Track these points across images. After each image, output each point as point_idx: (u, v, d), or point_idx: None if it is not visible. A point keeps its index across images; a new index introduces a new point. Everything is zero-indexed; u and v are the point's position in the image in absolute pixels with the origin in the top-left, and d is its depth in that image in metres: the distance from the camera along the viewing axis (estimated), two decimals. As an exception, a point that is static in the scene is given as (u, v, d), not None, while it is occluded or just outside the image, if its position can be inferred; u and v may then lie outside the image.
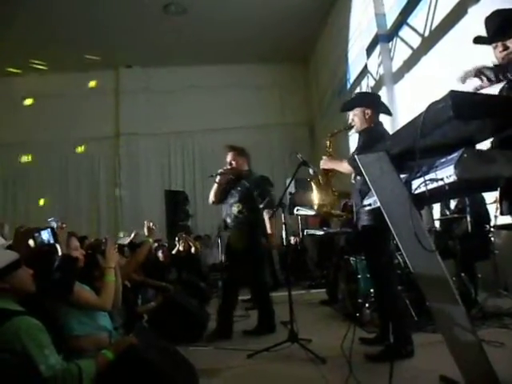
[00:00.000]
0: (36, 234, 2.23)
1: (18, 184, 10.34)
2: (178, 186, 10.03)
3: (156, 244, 6.60)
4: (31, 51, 9.08)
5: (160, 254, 5.64)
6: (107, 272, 2.42)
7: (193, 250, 6.76)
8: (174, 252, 6.51)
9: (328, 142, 3.29)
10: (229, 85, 10.59)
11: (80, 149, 10.34)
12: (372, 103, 3.23)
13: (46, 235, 2.27)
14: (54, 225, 2.66)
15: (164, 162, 10.73)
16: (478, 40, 2.09)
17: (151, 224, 3.61)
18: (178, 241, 6.61)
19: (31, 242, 2.18)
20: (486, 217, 4.19)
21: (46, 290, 1.96)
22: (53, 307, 2.07)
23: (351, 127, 3.30)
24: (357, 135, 3.32)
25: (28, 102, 9.04)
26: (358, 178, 2.94)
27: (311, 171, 3.45)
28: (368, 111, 3.14)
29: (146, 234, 3.60)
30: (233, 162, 4.16)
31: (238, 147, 4.31)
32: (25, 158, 9.67)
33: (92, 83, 10.20)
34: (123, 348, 1.92)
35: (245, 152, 4.31)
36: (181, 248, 6.59)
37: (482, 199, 4.21)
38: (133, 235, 5.62)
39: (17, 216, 9.52)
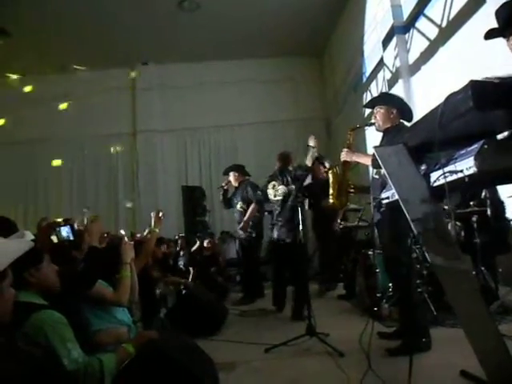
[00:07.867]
0: (57, 229, 2.26)
1: (39, 181, 10.48)
2: (195, 181, 10.04)
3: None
4: (45, 52, 9.15)
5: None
6: (123, 267, 2.44)
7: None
8: (193, 249, 6.58)
9: (349, 136, 3.35)
10: (244, 80, 10.55)
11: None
12: (398, 104, 3.24)
13: (65, 232, 2.30)
14: (86, 211, 2.70)
15: (181, 158, 10.73)
16: (490, 35, 2.04)
17: (161, 214, 3.40)
18: (199, 239, 6.72)
19: (54, 238, 2.20)
20: (505, 210, 4.11)
21: (70, 281, 1.98)
22: (74, 302, 2.10)
23: (372, 124, 3.30)
24: (373, 130, 3.31)
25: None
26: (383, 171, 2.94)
27: (327, 165, 3.45)
28: (393, 111, 3.15)
29: (153, 223, 3.39)
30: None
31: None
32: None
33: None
34: (144, 342, 1.94)
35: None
36: (206, 245, 6.81)
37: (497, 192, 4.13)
38: (146, 231, 5.65)
39: (38, 212, 9.64)
